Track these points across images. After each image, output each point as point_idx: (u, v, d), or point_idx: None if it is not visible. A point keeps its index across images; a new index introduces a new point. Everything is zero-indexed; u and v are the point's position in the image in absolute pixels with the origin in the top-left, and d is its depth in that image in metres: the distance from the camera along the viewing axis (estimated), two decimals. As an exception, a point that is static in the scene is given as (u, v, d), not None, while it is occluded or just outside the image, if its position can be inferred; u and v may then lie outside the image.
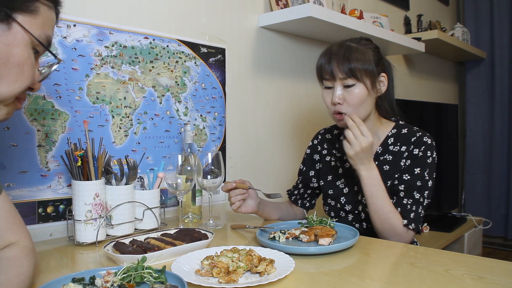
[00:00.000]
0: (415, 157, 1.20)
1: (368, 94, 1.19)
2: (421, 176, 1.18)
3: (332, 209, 1.35)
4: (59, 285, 0.70)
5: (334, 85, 1.20)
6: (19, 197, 1.13)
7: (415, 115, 2.60)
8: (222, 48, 1.66)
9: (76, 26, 1.24)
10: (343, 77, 1.17)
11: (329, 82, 1.21)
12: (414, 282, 0.79)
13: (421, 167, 1.18)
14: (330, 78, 1.20)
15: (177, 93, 1.51)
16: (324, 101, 1.24)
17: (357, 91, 1.17)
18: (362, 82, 1.17)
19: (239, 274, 0.79)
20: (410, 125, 1.29)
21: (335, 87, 1.19)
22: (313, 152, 1.44)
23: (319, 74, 1.25)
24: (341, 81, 1.18)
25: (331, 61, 1.19)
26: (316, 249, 0.96)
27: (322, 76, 1.23)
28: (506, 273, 0.83)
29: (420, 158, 1.19)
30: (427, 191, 1.18)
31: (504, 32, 3.47)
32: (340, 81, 1.18)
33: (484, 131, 3.59)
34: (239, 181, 1.25)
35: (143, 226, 1.20)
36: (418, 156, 1.20)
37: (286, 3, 1.86)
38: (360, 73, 1.16)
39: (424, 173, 1.18)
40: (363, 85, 1.17)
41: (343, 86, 1.18)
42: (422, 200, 1.17)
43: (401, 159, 1.22)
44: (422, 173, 1.18)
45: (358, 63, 1.16)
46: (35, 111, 1.16)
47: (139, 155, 1.37)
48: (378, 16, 2.36)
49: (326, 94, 1.23)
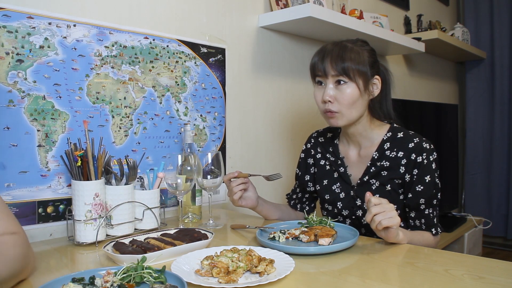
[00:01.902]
0: (420, 165, 1.18)
1: (360, 95, 1.17)
2: (433, 183, 1.19)
3: (329, 214, 1.33)
4: (59, 285, 0.70)
5: (326, 82, 1.19)
6: (19, 197, 1.13)
7: (415, 115, 2.60)
8: (222, 48, 1.66)
9: (76, 26, 1.24)
10: (335, 74, 1.16)
11: (321, 78, 1.20)
12: (414, 282, 0.79)
13: (430, 174, 1.18)
14: (322, 75, 1.19)
15: (177, 93, 1.51)
16: (315, 99, 1.23)
17: (349, 90, 1.16)
18: (355, 82, 1.16)
19: (239, 274, 0.79)
20: (404, 129, 1.27)
21: (326, 84, 1.18)
22: (307, 156, 1.41)
23: (312, 71, 1.24)
24: (333, 78, 1.17)
25: (324, 59, 1.18)
26: (316, 249, 0.96)
27: (315, 73, 1.22)
28: (506, 273, 0.83)
29: (426, 165, 1.18)
30: (439, 193, 1.21)
31: (504, 32, 3.47)
32: (332, 78, 1.17)
33: (484, 131, 3.58)
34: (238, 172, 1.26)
35: (143, 226, 1.20)
36: (424, 164, 1.18)
37: (286, 3, 1.86)
38: (353, 73, 1.15)
39: (434, 180, 1.19)
40: (355, 85, 1.16)
41: (335, 83, 1.17)
42: (437, 203, 1.22)
43: (399, 165, 1.21)
44: (433, 180, 1.19)
45: (351, 63, 1.15)
46: (35, 111, 1.16)
47: (139, 155, 1.37)
48: (378, 16, 2.36)
49: (318, 92, 1.22)
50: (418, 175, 1.19)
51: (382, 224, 0.97)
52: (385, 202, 1.00)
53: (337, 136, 1.36)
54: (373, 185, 1.24)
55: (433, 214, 1.21)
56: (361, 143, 1.28)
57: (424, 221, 1.21)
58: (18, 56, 1.12)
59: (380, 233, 1.01)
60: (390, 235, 1.00)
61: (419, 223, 1.21)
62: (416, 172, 1.19)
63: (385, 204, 0.99)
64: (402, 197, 1.23)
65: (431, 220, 1.21)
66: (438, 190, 1.21)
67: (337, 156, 1.32)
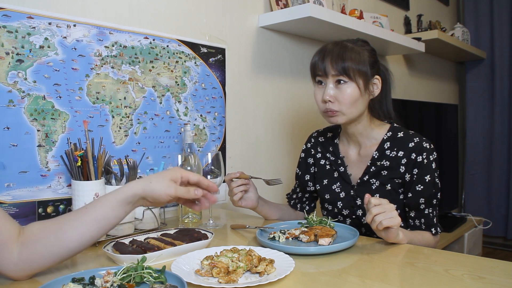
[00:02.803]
0: (420, 165, 1.18)
1: (360, 94, 1.18)
2: (432, 183, 1.19)
3: (329, 214, 1.33)
4: (59, 285, 0.70)
5: (326, 82, 1.19)
6: (19, 197, 1.13)
7: (415, 115, 2.60)
8: (222, 48, 1.66)
9: (76, 26, 1.24)
10: (335, 73, 1.16)
11: (322, 78, 1.20)
12: (414, 282, 0.79)
13: (430, 173, 1.18)
14: (322, 75, 1.19)
15: (177, 93, 1.51)
16: (316, 99, 1.23)
17: (349, 90, 1.16)
18: (355, 81, 1.16)
19: (239, 274, 0.79)
20: (405, 129, 1.27)
21: (327, 84, 1.19)
22: (307, 156, 1.41)
23: (312, 71, 1.24)
24: (333, 78, 1.17)
25: (325, 59, 1.18)
26: (316, 249, 0.96)
27: (315, 72, 1.22)
28: (506, 273, 0.83)
29: (426, 165, 1.18)
30: (439, 193, 1.21)
31: (504, 32, 3.47)
32: (332, 78, 1.18)
33: (484, 131, 3.58)
34: (240, 172, 1.26)
35: (143, 226, 1.20)
36: (424, 164, 1.18)
37: (286, 3, 1.86)
38: (353, 72, 1.16)
39: (434, 179, 1.19)
40: (355, 84, 1.16)
41: (335, 82, 1.18)
42: (437, 203, 1.21)
43: (399, 165, 1.21)
44: (432, 180, 1.19)
45: (352, 63, 1.15)
46: (35, 111, 1.16)
47: (139, 155, 1.37)
48: (378, 16, 2.36)
49: (318, 91, 1.22)
50: (418, 175, 1.19)
51: (382, 224, 0.97)
52: (385, 202, 1.00)
53: (337, 136, 1.36)
54: (373, 184, 1.24)
55: (433, 213, 1.21)
56: (361, 142, 1.28)
57: (424, 220, 1.21)
58: (18, 56, 1.12)
59: (381, 233, 1.01)
60: (391, 235, 1.01)
61: (419, 223, 1.21)
62: (416, 171, 1.19)
63: (385, 204, 0.99)
64: (402, 197, 1.23)
65: (431, 220, 1.21)
66: (438, 190, 1.21)
67: (337, 156, 1.32)
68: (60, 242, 0.78)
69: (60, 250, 0.79)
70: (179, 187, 0.84)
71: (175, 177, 0.84)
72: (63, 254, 0.79)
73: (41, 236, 0.78)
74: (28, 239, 0.78)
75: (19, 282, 0.80)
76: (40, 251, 0.78)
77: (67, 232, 0.79)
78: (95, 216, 0.80)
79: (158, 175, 0.85)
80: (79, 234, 0.79)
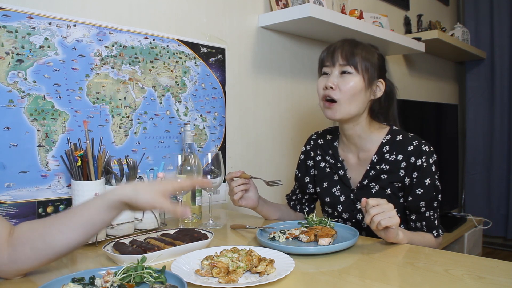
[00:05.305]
0: (419, 168, 1.18)
1: (362, 89, 1.18)
2: (433, 186, 1.18)
3: (329, 217, 1.32)
4: (59, 285, 0.70)
5: (332, 71, 1.20)
6: (19, 197, 1.13)
7: (415, 115, 2.60)
8: (222, 48, 1.66)
9: (76, 26, 1.24)
10: (343, 63, 1.18)
11: (328, 68, 1.21)
12: (414, 282, 0.79)
13: (430, 176, 1.18)
14: (330, 65, 1.20)
15: (177, 93, 1.51)
16: (317, 86, 1.23)
17: (353, 82, 1.17)
18: (361, 75, 1.17)
19: (239, 274, 0.79)
20: (403, 131, 1.26)
21: (332, 73, 1.20)
22: (306, 158, 1.41)
23: (320, 63, 1.25)
24: (340, 68, 1.18)
25: (335, 50, 1.20)
26: (316, 249, 0.96)
27: (323, 64, 1.23)
28: (506, 273, 0.83)
29: (425, 168, 1.18)
30: (440, 195, 1.21)
31: (504, 32, 3.46)
32: (339, 67, 1.19)
33: (484, 131, 3.58)
34: (241, 172, 1.26)
35: (143, 226, 1.20)
36: (423, 167, 1.18)
37: (286, 3, 1.86)
38: (360, 66, 1.17)
39: (434, 182, 1.19)
40: (360, 78, 1.17)
41: (341, 73, 1.18)
42: (438, 205, 1.21)
43: (399, 168, 1.20)
44: (433, 182, 1.18)
45: (361, 57, 1.17)
46: (35, 111, 1.16)
47: (139, 155, 1.37)
48: (378, 16, 2.36)
49: (321, 80, 1.22)
50: (418, 178, 1.18)
51: (381, 224, 0.97)
52: (384, 202, 1.00)
53: (337, 139, 1.35)
54: (373, 188, 1.24)
55: (434, 216, 1.21)
56: (360, 146, 1.27)
57: (425, 223, 1.20)
58: (18, 56, 1.12)
59: (380, 233, 1.01)
60: (390, 235, 1.01)
61: (420, 226, 1.21)
62: (416, 175, 1.18)
63: (384, 204, 1.00)
64: (402, 200, 1.23)
65: (432, 222, 1.20)
66: (439, 192, 1.20)
67: (336, 159, 1.32)
68: (47, 245, 0.78)
69: (47, 253, 0.79)
70: (166, 203, 0.81)
71: (165, 191, 0.82)
72: (50, 256, 0.80)
73: (28, 239, 0.79)
74: (16, 241, 0.79)
75: (17, 282, 0.80)
76: (28, 253, 0.78)
77: (54, 236, 0.79)
78: (81, 221, 0.80)
79: (148, 186, 0.83)
80: (66, 238, 0.79)
